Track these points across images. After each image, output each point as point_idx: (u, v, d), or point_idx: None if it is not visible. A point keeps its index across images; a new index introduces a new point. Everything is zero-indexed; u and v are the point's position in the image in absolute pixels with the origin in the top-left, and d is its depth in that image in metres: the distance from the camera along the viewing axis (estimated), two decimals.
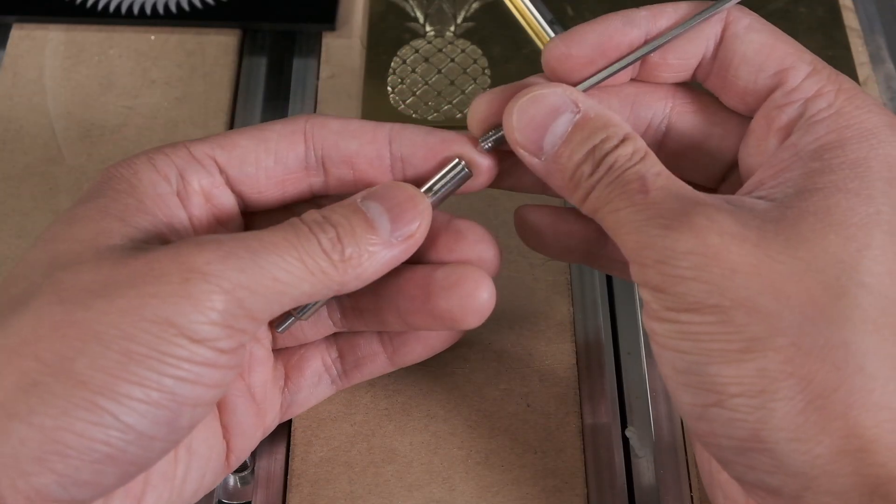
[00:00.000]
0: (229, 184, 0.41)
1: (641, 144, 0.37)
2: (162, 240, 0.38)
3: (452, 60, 0.57)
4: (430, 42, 0.58)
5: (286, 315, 0.41)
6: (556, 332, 0.48)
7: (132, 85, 0.56)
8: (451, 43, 0.58)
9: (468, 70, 0.57)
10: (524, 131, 0.38)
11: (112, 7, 0.59)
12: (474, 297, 0.40)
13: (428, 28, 0.59)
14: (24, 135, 0.54)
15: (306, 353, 0.44)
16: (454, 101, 0.56)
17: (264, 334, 0.43)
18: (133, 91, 0.56)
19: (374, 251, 0.38)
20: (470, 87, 0.56)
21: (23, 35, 0.58)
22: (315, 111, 0.56)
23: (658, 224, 0.35)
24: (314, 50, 0.59)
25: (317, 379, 0.44)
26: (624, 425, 0.47)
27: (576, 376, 0.47)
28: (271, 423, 0.44)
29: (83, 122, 0.55)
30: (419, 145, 0.41)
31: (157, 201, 0.39)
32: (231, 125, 0.56)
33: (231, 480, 0.45)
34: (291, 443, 0.45)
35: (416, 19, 0.59)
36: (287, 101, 0.58)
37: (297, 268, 0.36)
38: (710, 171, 0.42)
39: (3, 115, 0.55)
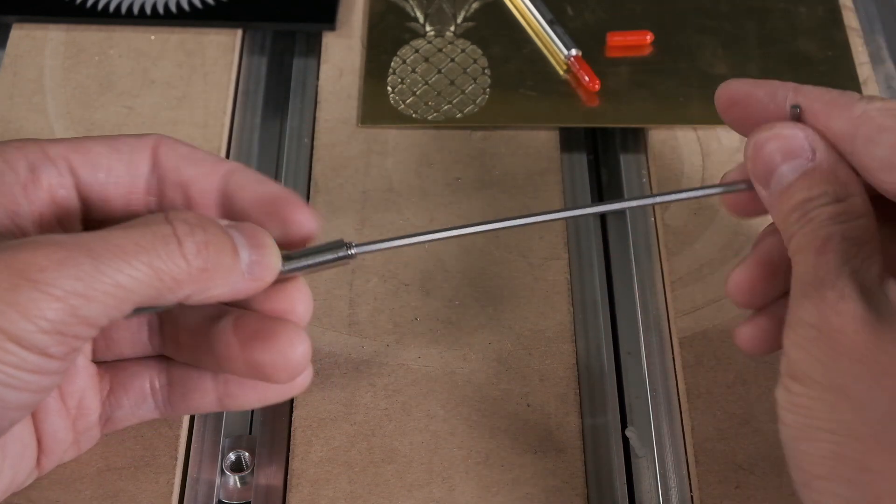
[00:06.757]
0: (78, 187, 0.40)
1: (853, 205, 0.37)
2: (2, 230, 0.38)
3: (452, 60, 0.57)
4: (430, 42, 0.58)
5: None
6: (556, 332, 0.48)
7: (132, 85, 0.56)
8: (451, 43, 0.58)
9: (468, 70, 0.57)
10: (756, 163, 0.39)
11: (112, 7, 0.59)
12: (286, 354, 0.39)
13: (428, 28, 0.59)
14: (24, 135, 0.54)
15: (135, 372, 0.43)
16: (454, 101, 0.56)
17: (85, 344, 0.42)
18: (133, 91, 0.56)
19: (230, 272, 0.37)
20: (470, 87, 0.56)
21: (23, 35, 0.58)
22: (315, 111, 0.56)
23: (800, 292, 0.36)
24: (314, 50, 0.59)
25: (140, 400, 0.43)
26: (624, 425, 0.47)
27: (576, 376, 0.47)
28: (85, 431, 0.42)
29: (83, 122, 0.55)
30: (249, 190, 0.40)
31: (1, 190, 0.38)
32: (231, 125, 0.56)
33: (231, 481, 0.45)
34: (291, 443, 0.45)
35: (416, 19, 0.59)
36: (287, 101, 0.58)
37: (144, 273, 0.35)
38: None
39: (3, 115, 0.55)
